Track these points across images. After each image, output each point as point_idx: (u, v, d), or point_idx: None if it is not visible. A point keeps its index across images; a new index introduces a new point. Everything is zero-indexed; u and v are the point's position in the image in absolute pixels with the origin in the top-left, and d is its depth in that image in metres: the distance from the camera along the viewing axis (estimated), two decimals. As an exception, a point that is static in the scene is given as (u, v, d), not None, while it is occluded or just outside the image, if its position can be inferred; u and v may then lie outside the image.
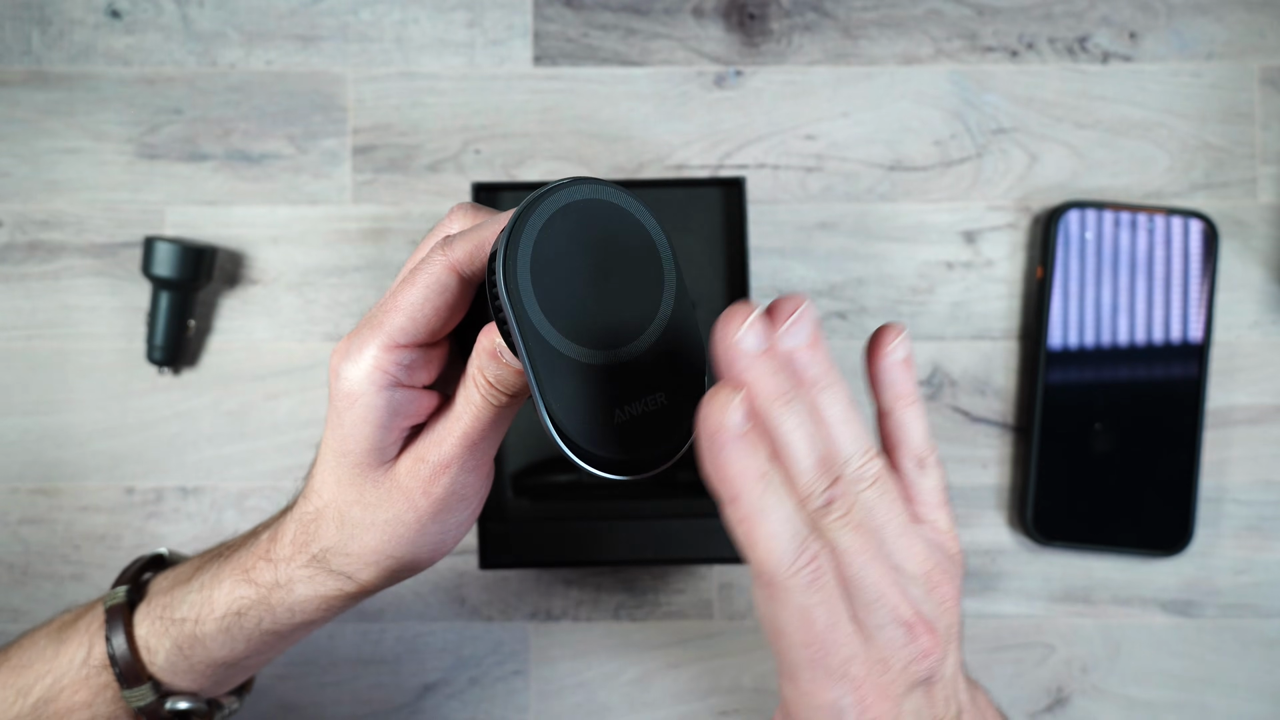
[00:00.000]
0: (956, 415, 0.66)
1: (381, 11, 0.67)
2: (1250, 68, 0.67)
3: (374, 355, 0.42)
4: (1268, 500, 0.66)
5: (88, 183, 0.66)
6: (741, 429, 0.36)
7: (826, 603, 0.37)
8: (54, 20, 0.67)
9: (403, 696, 0.65)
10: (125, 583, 0.51)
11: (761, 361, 0.37)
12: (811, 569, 0.37)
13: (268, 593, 0.47)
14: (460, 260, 0.42)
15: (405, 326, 0.42)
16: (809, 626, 0.37)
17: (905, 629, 0.38)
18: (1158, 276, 0.65)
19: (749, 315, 0.37)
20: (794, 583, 0.37)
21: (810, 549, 0.37)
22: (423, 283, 0.42)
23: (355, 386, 0.43)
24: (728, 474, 0.37)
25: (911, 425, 0.42)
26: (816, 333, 0.38)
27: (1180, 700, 0.65)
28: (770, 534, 0.37)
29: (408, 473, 0.44)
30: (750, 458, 0.37)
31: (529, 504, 0.62)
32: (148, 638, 0.49)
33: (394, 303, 0.42)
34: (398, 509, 0.45)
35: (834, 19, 0.67)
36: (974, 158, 0.67)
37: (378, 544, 0.45)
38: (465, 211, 0.45)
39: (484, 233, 0.42)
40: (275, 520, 0.49)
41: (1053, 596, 0.66)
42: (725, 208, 0.63)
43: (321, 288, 0.66)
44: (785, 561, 0.37)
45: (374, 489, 0.45)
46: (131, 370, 0.66)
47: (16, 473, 0.66)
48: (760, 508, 0.37)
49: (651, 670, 0.65)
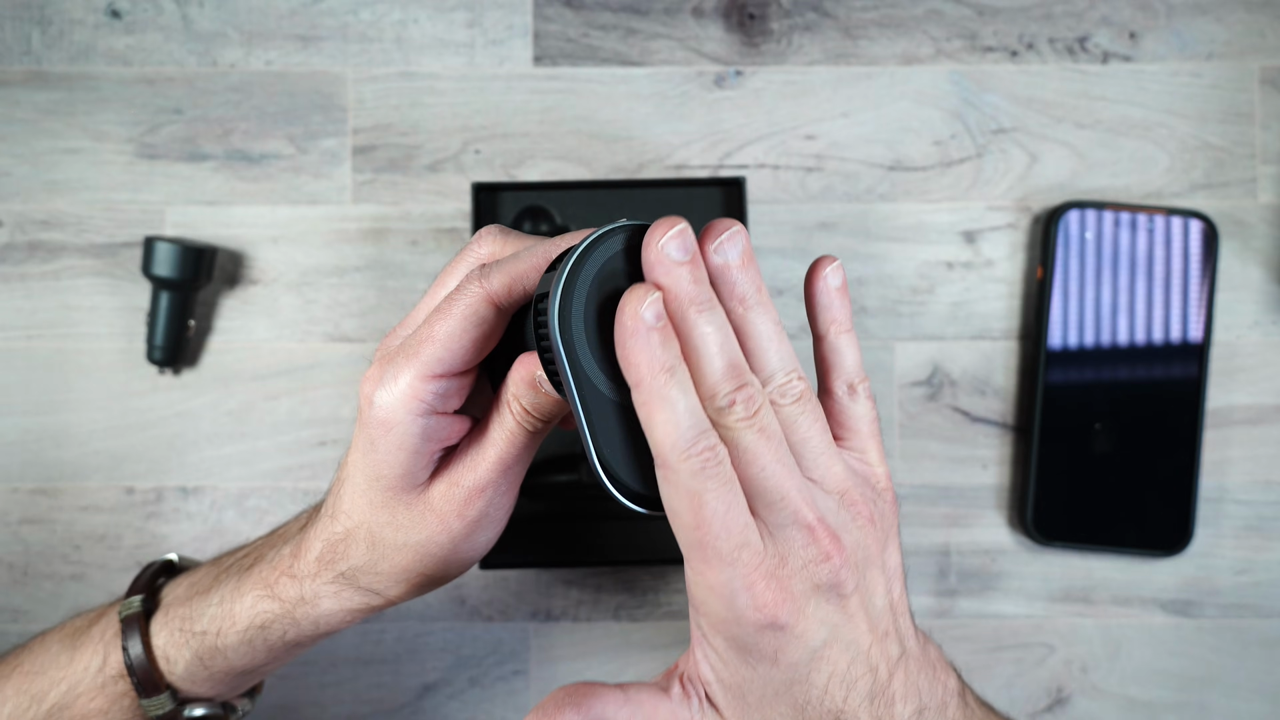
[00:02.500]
0: (956, 415, 0.66)
1: (381, 11, 0.67)
2: (1250, 68, 0.67)
3: (410, 384, 0.43)
4: (1268, 500, 0.66)
5: (88, 183, 0.66)
6: (652, 324, 0.39)
7: (718, 490, 0.39)
8: (54, 20, 0.67)
9: (403, 696, 0.65)
10: (139, 591, 0.51)
11: (682, 269, 0.39)
12: (703, 457, 0.38)
13: (292, 607, 0.48)
14: (498, 292, 0.42)
15: (442, 357, 0.42)
16: (697, 510, 0.39)
17: (806, 530, 0.40)
18: (1158, 276, 0.65)
19: (675, 226, 0.39)
20: (684, 466, 0.38)
21: (706, 440, 0.39)
22: (459, 314, 0.42)
23: (391, 415, 0.43)
24: (634, 361, 0.39)
25: (845, 351, 0.44)
26: (748, 254, 0.40)
27: (1180, 700, 0.65)
28: (666, 420, 0.39)
29: (442, 496, 0.45)
30: (658, 349, 0.39)
31: (529, 504, 0.62)
32: (166, 648, 0.50)
33: (430, 333, 0.42)
34: (431, 530, 0.45)
35: (834, 19, 0.67)
36: (974, 158, 0.67)
37: (409, 563, 0.46)
38: (494, 236, 0.45)
39: (520, 266, 0.42)
40: (297, 534, 0.49)
41: (1053, 596, 0.66)
42: (725, 208, 0.63)
43: (321, 288, 0.66)
44: (679, 447, 0.38)
45: (407, 511, 0.45)
46: (131, 370, 0.66)
47: (16, 473, 0.66)
48: (661, 395, 0.39)
49: (651, 670, 0.65)
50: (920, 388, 0.66)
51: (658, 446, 0.39)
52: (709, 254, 0.40)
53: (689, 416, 0.39)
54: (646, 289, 0.39)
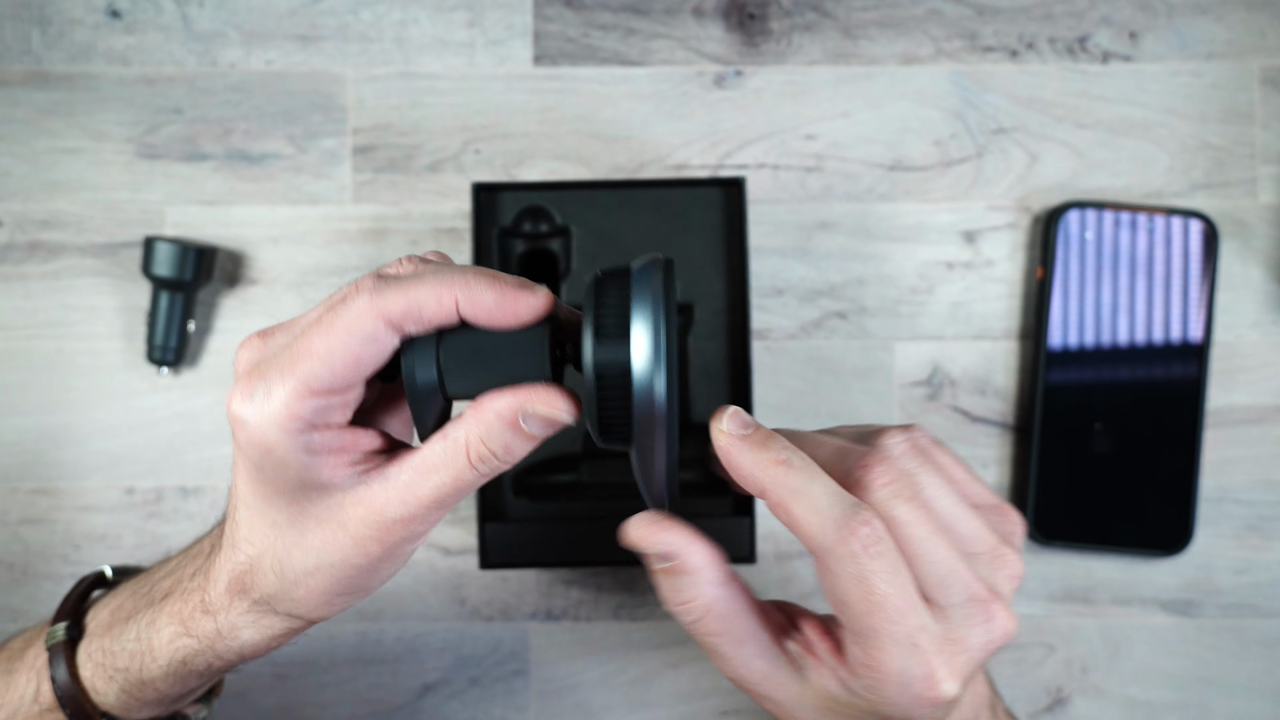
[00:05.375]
0: (956, 415, 0.66)
1: (381, 11, 0.67)
2: (1250, 68, 0.67)
3: (285, 402, 0.38)
4: (1268, 500, 0.66)
5: (88, 183, 0.66)
6: (742, 432, 0.39)
7: (887, 571, 0.38)
8: (54, 20, 0.67)
9: (403, 696, 0.65)
10: (65, 614, 0.49)
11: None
12: (863, 536, 0.37)
13: (211, 643, 0.45)
14: (391, 313, 0.38)
15: (322, 375, 0.38)
16: (867, 594, 0.38)
17: (981, 607, 0.39)
18: (1158, 276, 0.65)
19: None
20: (844, 550, 0.38)
21: (861, 515, 0.38)
22: (343, 329, 0.38)
23: (266, 436, 0.38)
24: (746, 473, 0.39)
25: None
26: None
27: (1180, 700, 0.65)
28: (805, 510, 0.38)
29: (360, 521, 0.41)
30: (761, 451, 0.39)
31: (529, 504, 0.62)
32: (93, 680, 0.47)
33: (308, 347, 0.38)
34: (346, 553, 0.41)
35: (834, 19, 0.67)
36: (974, 158, 0.67)
37: (326, 585, 0.42)
38: (436, 256, 0.42)
39: (421, 292, 0.38)
40: (205, 559, 0.45)
41: (1053, 596, 0.66)
42: (725, 208, 0.63)
43: (321, 288, 0.66)
44: (830, 531, 0.38)
45: (318, 530, 0.41)
46: (131, 370, 0.66)
47: (16, 473, 0.66)
48: (788, 488, 0.38)
49: (651, 670, 0.65)
50: (920, 388, 0.66)
51: (809, 540, 0.38)
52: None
53: (828, 497, 0.38)
54: (720, 410, 0.40)
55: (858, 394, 0.66)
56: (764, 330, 0.66)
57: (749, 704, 0.65)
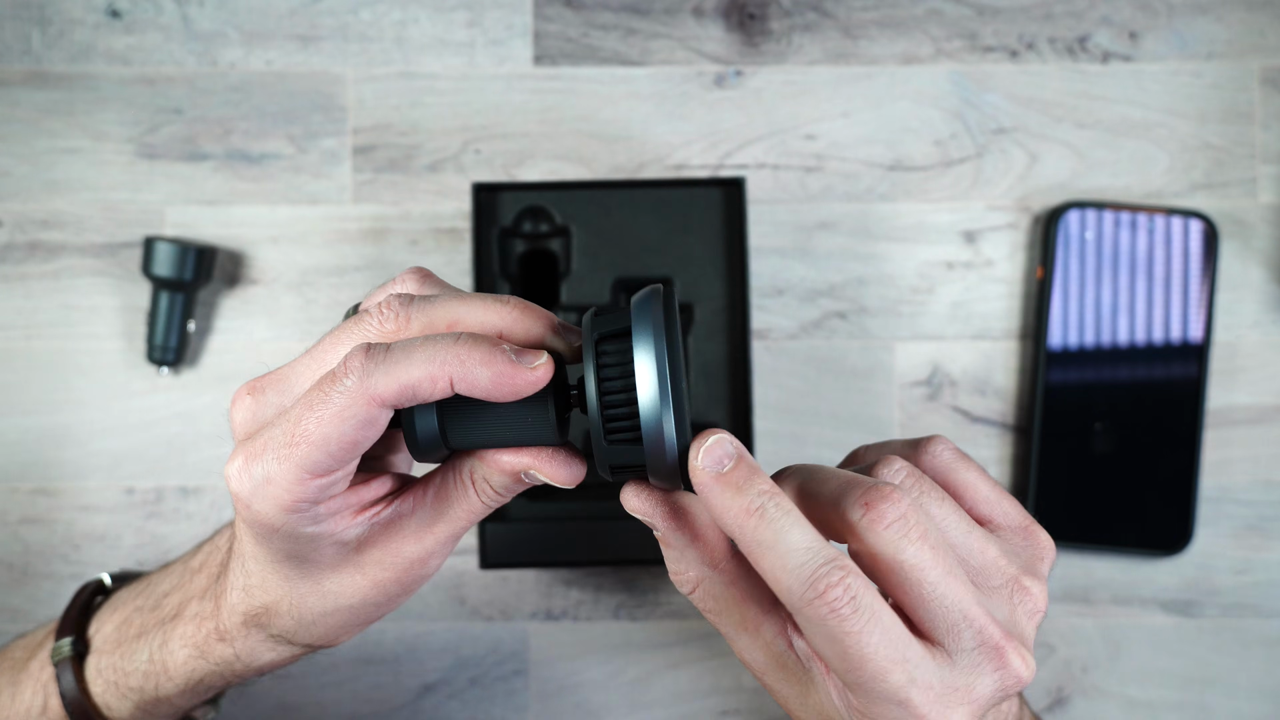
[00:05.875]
0: (956, 415, 0.66)
1: (381, 11, 0.67)
2: (1250, 68, 0.67)
3: (286, 488, 0.37)
4: (1268, 500, 0.66)
5: (88, 183, 0.66)
6: (716, 469, 0.36)
7: (863, 632, 0.35)
8: (54, 20, 0.67)
9: (403, 696, 0.65)
10: (69, 629, 0.49)
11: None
12: (829, 599, 0.35)
13: (228, 664, 0.45)
14: (386, 398, 0.36)
15: (320, 461, 0.37)
16: (843, 655, 0.36)
17: (994, 653, 0.36)
18: (1158, 276, 0.65)
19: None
20: (811, 612, 0.35)
21: (828, 576, 0.35)
22: (335, 415, 0.36)
23: (272, 519, 0.38)
24: (719, 517, 0.37)
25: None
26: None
27: (1180, 700, 0.65)
28: (772, 565, 0.36)
29: (377, 564, 0.41)
30: (733, 497, 0.36)
31: (529, 504, 0.62)
32: (105, 696, 0.47)
33: (303, 432, 0.37)
34: (365, 594, 0.41)
35: (834, 19, 0.67)
36: (974, 158, 0.67)
37: (345, 621, 0.42)
38: (418, 279, 0.41)
39: (414, 373, 0.36)
40: (213, 585, 0.45)
41: (1052, 596, 0.66)
42: (725, 208, 0.63)
43: (321, 288, 0.66)
44: (795, 591, 0.35)
45: (334, 577, 0.41)
46: (131, 370, 0.66)
47: (16, 473, 0.66)
48: (756, 541, 0.36)
49: (651, 670, 0.65)
50: (920, 388, 0.66)
51: (779, 597, 0.36)
52: None
53: (799, 554, 0.35)
54: (701, 436, 0.37)
55: (858, 394, 0.66)
56: (764, 330, 0.66)
57: (749, 704, 0.65)
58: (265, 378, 0.39)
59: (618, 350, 0.37)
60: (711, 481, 0.37)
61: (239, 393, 0.39)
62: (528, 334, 0.38)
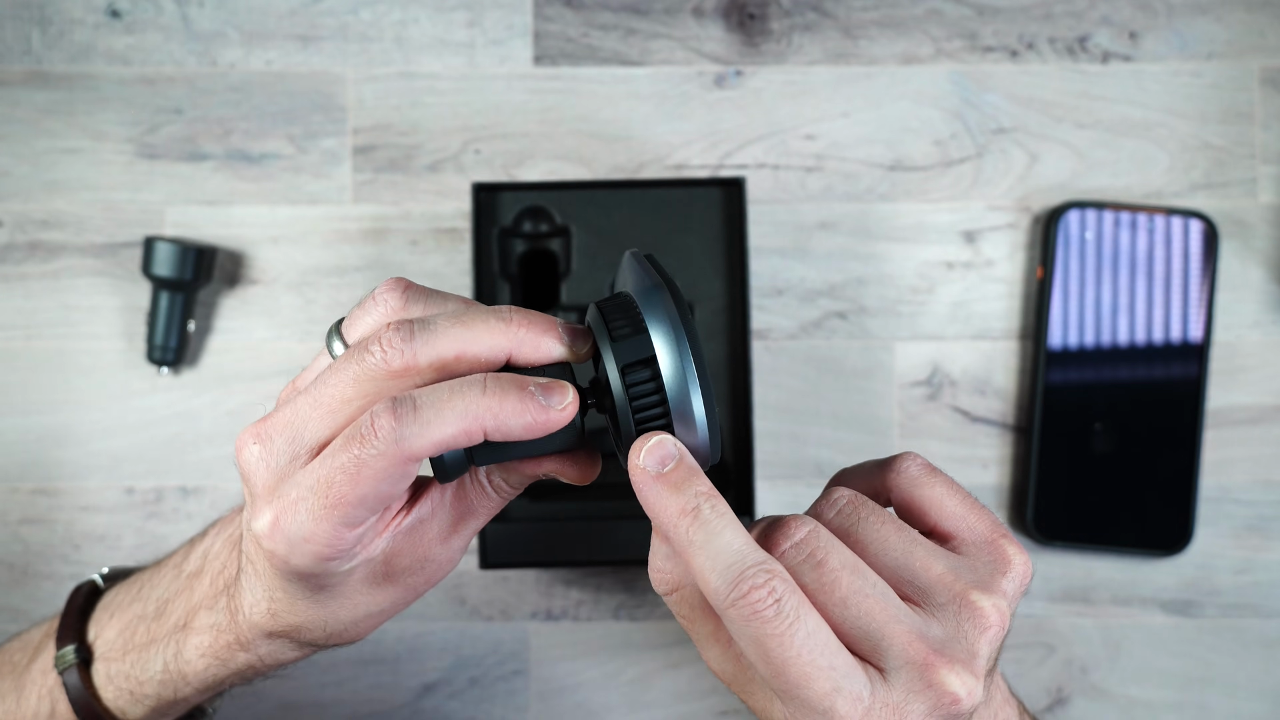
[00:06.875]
0: (956, 415, 0.66)
1: (381, 11, 0.67)
2: (1250, 68, 0.67)
3: (326, 544, 0.38)
4: (1268, 500, 0.66)
5: (88, 183, 0.66)
6: (657, 470, 0.37)
7: (784, 634, 0.35)
8: (54, 20, 0.67)
9: (403, 696, 0.65)
10: (69, 635, 0.49)
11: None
12: (750, 600, 0.35)
13: (250, 668, 0.45)
14: (421, 455, 0.37)
15: (357, 516, 0.37)
16: (766, 658, 0.36)
17: (920, 671, 0.36)
18: (1158, 276, 0.65)
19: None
20: (734, 613, 0.35)
21: (753, 578, 0.35)
22: (373, 476, 0.36)
23: (309, 569, 0.39)
24: (652, 515, 0.37)
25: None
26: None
27: (1180, 700, 0.65)
28: (700, 566, 0.36)
29: (407, 570, 0.41)
30: (669, 496, 0.36)
31: (529, 504, 0.62)
32: (117, 701, 0.48)
33: (339, 496, 0.37)
34: (395, 600, 0.42)
35: (834, 19, 0.67)
36: (974, 158, 0.67)
37: (374, 623, 0.43)
38: (399, 295, 0.40)
39: (447, 430, 0.36)
40: (222, 595, 0.45)
41: (1053, 596, 0.66)
42: (725, 208, 0.63)
43: (321, 288, 0.66)
44: (720, 592, 0.35)
45: (364, 589, 0.41)
46: (131, 370, 0.66)
47: (16, 473, 0.66)
48: (687, 542, 0.36)
49: (651, 670, 0.66)
50: (920, 388, 0.66)
51: (707, 599, 0.36)
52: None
53: (728, 555, 0.36)
54: (644, 438, 0.37)
55: (858, 394, 0.66)
56: (764, 330, 0.66)
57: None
58: (269, 424, 0.39)
59: (636, 346, 0.37)
60: (651, 480, 0.37)
61: (243, 440, 0.39)
62: (537, 351, 0.39)
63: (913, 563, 0.38)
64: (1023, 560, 0.39)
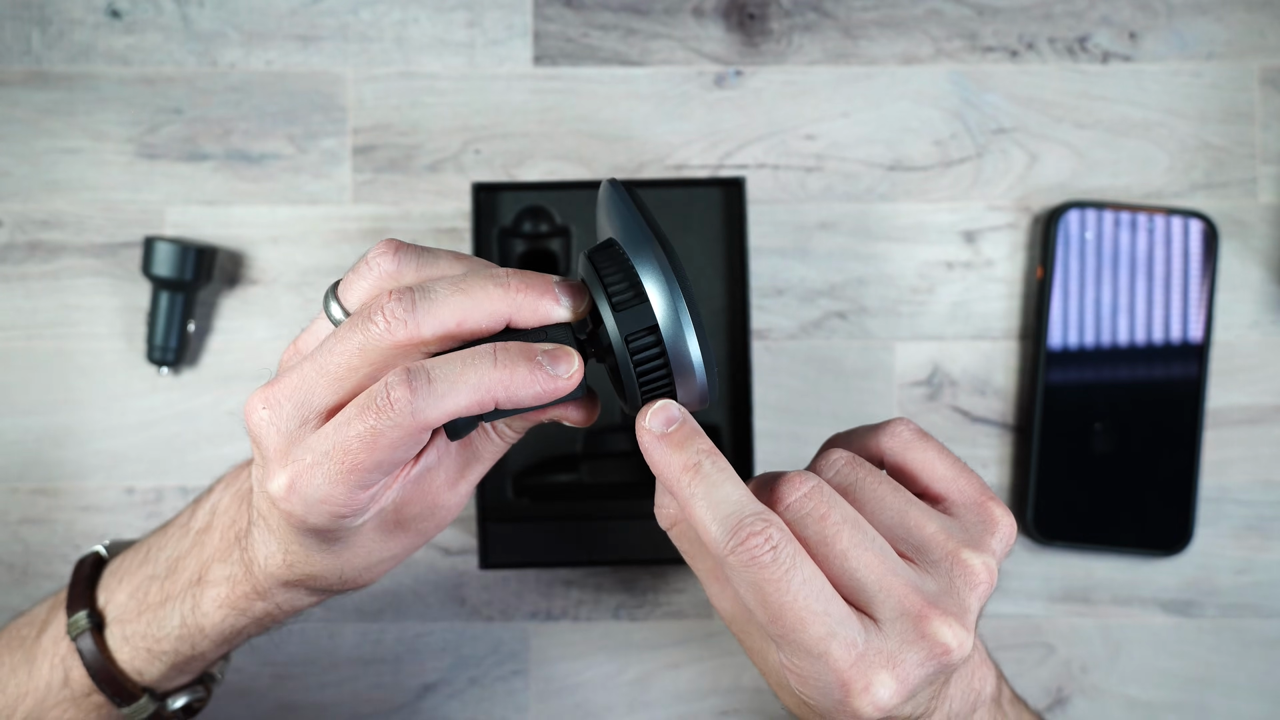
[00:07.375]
0: (956, 415, 0.66)
1: (381, 11, 0.67)
2: (1250, 68, 0.67)
3: (343, 504, 0.39)
4: (1268, 500, 0.66)
5: (88, 183, 0.66)
6: (662, 431, 0.39)
7: (781, 580, 0.37)
8: (54, 20, 0.67)
9: (403, 696, 0.65)
10: (80, 603, 0.49)
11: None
12: (749, 546, 0.37)
13: (268, 615, 0.47)
14: (435, 424, 0.38)
15: (374, 479, 0.39)
16: (764, 603, 0.37)
17: (915, 621, 0.38)
18: (1158, 276, 0.65)
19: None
20: (733, 559, 0.37)
21: (751, 525, 0.37)
22: (389, 444, 0.38)
23: (325, 526, 0.40)
24: (658, 472, 0.39)
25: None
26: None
27: (1180, 700, 0.65)
28: (700, 516, 0.38)
29: (418, 517, 0.43)
30: (673, 453, 0.39)
31: (529, 504, 0.62)
32: (133, 661, 0.48)
33: (356, 462, 0.38)
34: (407, 545, 0.44)
35: (834, 19, 0.67)
36: (974, 158, 0.67)
37: (389, 566, 0.45)
38: (393, 256, 0.40)
39: (461, 399, 0.38)
40: (235, 549, 0.46)
41: (1053, 597, 0.66)
42: (725, 208, 0.63)
43: (321, 288, 0.66)
44: (720, 539, 0.37)
45: (377, 537, 0.43)
46: (131, 370, 0.66)
47: (16, 473, 0.66)
48: (690, 494, 0.38)
49: (651, 670, 0.66)
50: (920, 388, 0.66)
51: (707, 548, 0.38)
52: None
53: (728, 505, 0.38)
54: (651, 402, 0.39)
55: (858, 394, 0.66)
56: (764, 330, 0.66)
57: (749, 704, 0.65)
58: (276, 389, 0.40)
59: (638, 316, 0.39)
60: (656, 439, 0.39)
61: (252, 404, 0.40)
62: (535, 314, 0.40)
63: (907, 521, 0.40)
64: (1009, 521, 0.42)
